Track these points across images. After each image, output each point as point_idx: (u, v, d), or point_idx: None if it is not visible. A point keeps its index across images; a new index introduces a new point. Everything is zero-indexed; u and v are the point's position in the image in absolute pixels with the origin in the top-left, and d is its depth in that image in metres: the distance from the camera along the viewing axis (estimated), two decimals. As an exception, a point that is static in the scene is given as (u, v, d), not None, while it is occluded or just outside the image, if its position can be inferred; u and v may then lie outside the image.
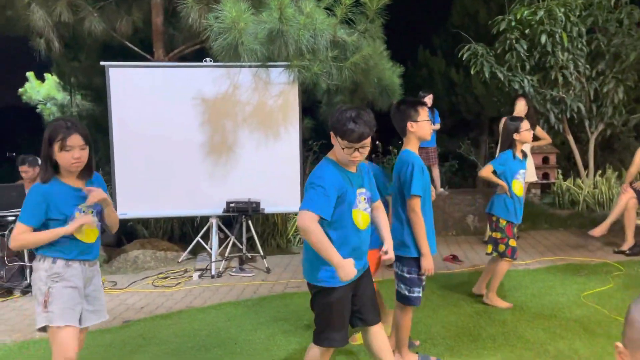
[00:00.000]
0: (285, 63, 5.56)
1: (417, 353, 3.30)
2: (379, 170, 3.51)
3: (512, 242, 4.11)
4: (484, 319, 3.99)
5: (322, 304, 2.57)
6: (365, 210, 2.58)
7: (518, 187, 4.14)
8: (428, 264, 3.03)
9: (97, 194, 2.55)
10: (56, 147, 2.44)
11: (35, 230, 2.46)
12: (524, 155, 4.28)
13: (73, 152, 2.45)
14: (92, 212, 2.61)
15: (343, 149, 2.41)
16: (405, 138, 3.14)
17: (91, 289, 2.64)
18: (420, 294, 3.14)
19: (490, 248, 4.24)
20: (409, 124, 3.06)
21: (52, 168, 2.50)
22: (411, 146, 3.11)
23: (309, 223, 2.34)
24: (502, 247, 4.13)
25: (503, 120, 6.34)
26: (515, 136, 4.13)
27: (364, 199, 2.58)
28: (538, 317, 3.96)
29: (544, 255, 5.83)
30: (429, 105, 7.07)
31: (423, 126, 3.06)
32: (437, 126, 7.21)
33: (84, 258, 2.58)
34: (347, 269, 2.35)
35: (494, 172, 4.14)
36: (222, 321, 4.20)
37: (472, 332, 3.75)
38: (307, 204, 2.38)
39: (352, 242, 2.52)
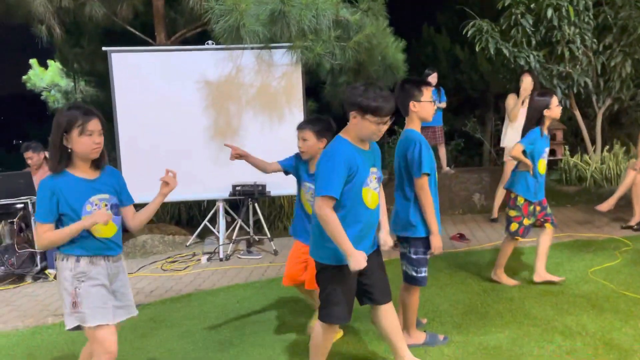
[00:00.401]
0: (288, 44, 5.52)
1: (424, 331, 3.32)
2: None
3: (526, 221, 4.05)
4: (492, 296, 4.01)
5: (326, 281, 2.61)
6: (375, 190, 2.63)
7: (542, 166, 4.02)
8: (437, 242, 3.05)
9: (172, 183, 2.61)
10: (75, 132, 2.34)
11: (54, 225, 2.40)
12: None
13: (94, 137, 2.37)
14: (107, 206, 2.48)
15: (373, 125, 2.47)
16: (407, 117, 3.12)
17: (118, 284, 2.56)
18: (427, 274, 3.16)
19: (514, 226, 4.09)
20: (411, 104, 3.04)
21: (67, 157, 2.39)
22: (414, 125, 3.10)
23: (326, 212, 2.43)
24: (514, 226, 4.07)
25: (509, 97, 6.29)
26: (546, 112, 3.96)
27: (375, 178, 2.63)
28: (545, 294, 3.97)
29: (551, 232, 5.81)
30: (434, 83, 7.00)
31: (425, 107, 3.05)
32: (443, 104, 7.14)
33: (107, 254, 2.49)
34: (358, 260, 2.42)
35: (524, 152, 3.98)
36: (231, 303, 4.25)
37: (480, 309, 3.77)
38: (321, 188, 2.44)
39: (361, 220, 2.56)
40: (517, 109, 6.12)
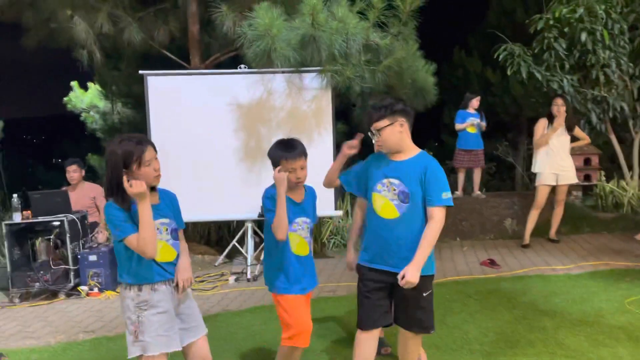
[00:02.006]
0: (318, 68, 5.59)
1: None
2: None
3: None
4: (523, 325, 3.90)
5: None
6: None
7: None
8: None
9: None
10: (134, 166, 2.34)
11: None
12: None
13: (153, 165, 2.41)
14: (167, 230, 2.51)
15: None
16: None
17: (183, 307, 2.57)
18: None
19: None
20: None
21: (124, 194, 2.33)
22: None
23: None
24: None
25: (540, 122, 6.22)
26: None
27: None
28: (579, 324, 3.85)
29: (586, 259, 5.65)
30: (476, 106, 7.05)
31: None
32: (484, 126, 7.18)
33: (168, 278, 2.49)
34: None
35: None
36: (257, 325, 4.25)
37: (510, 338, 3.68)
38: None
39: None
40: (546, 137, 6.06)
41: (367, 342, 2.78)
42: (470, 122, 7.06)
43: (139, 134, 2.49)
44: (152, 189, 2.49)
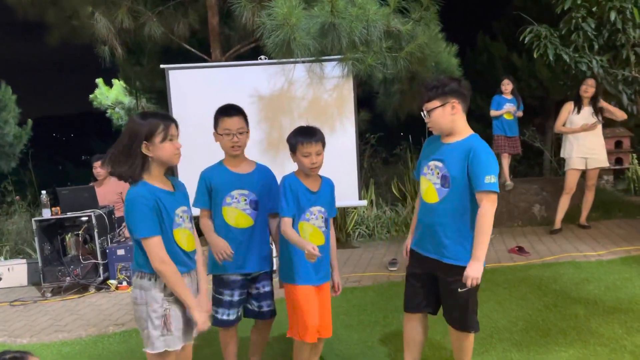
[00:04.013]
0: (339, 56, 5.53)
1: None
2: None
3: None
4: (554, 313, 3.82)
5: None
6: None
7: None
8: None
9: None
10: (157, 139, 2.25)
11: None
12: None
13: (175, 142, 2.31)
14: (188, 218, 2.44)
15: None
16: None
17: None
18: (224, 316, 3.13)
19: None
20: None
21: (145, 165, 2.27)
22: None
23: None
24: None
25: (566, 105, 6.08)
26: None
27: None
28: (613, 311, 3.75)
29: (619, 245, 5.49)
30: (509, 90, 6.91)
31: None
32: (520, 113, 7.03)
33: (190, 269, 2.43)
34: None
35: None
36: (284, 316, 4.22)
37: (542, 326, 3.60)
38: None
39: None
40: (568, 130, 5.94)
41: (409, 325, 2.82)
42: (506, 109, 6.90)
43: (161, 111, 2.48)
44: (167, 174, 2.43)
